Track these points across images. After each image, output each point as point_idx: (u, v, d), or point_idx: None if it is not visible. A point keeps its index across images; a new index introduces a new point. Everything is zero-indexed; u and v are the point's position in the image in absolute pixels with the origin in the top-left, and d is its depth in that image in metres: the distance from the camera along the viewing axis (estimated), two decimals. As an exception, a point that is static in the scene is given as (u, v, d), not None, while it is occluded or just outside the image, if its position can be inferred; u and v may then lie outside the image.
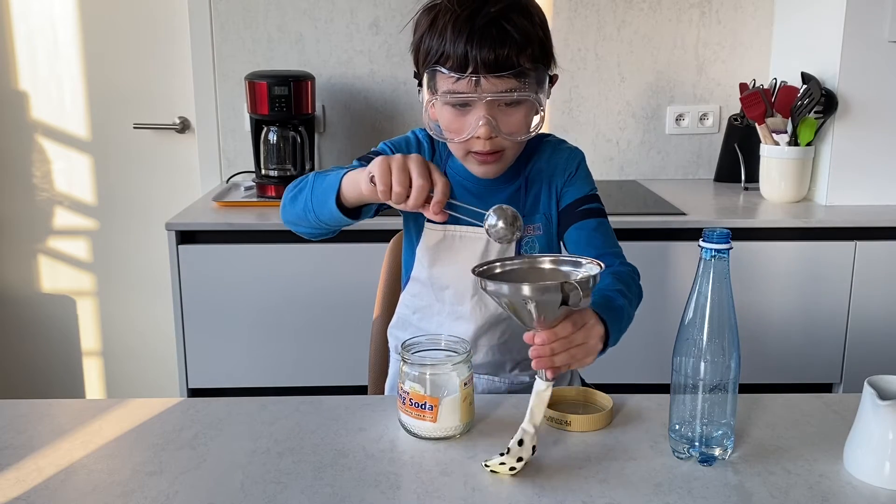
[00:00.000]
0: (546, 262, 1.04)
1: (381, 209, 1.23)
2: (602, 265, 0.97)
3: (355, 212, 1.15)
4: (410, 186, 1.01)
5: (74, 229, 2.77)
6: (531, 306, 0.93)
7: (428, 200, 1.02)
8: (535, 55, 1.14)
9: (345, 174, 1.12)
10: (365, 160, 1.24)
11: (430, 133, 1.20)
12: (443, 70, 1.13)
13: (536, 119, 1.18)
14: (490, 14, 1.11)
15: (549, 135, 1.34)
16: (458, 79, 1.12)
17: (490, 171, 1.22)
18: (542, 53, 1.16)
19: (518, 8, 1.14)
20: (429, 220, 1.25)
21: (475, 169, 1.22)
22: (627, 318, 1.15)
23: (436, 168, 1.03)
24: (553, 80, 1.20)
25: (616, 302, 1.14)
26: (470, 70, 1.11)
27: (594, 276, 0.94)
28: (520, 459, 0.95)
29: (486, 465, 0.96)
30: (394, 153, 1.26)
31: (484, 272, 1.00)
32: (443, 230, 1.25)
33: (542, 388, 0.99)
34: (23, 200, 2.74)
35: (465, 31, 1.11)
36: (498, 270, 1.01)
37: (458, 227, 1.24)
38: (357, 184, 1.08)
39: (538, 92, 1.15)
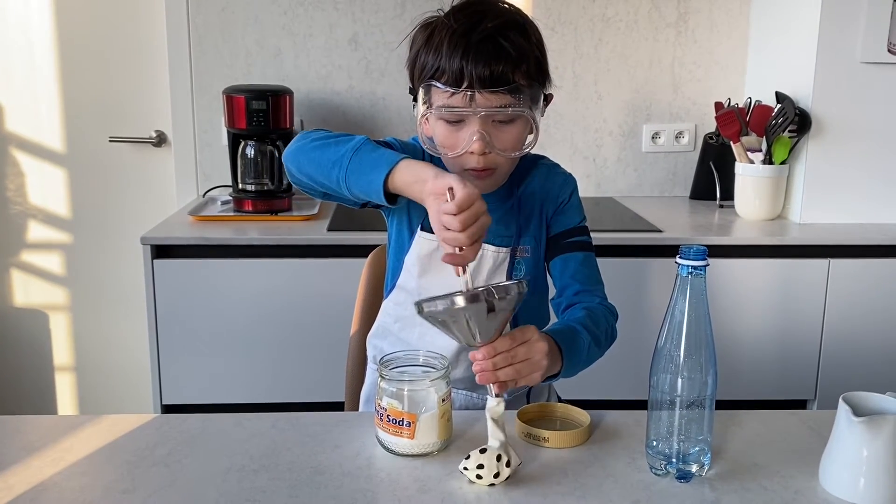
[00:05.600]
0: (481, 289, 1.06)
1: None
2: (525, 282, 1.01)
3: (392, 197, 1.09)
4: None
5: (48, 243, 2.73)
6: (462, 318, 0.97)
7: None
8: (531, 72, 1.15)
9: (404, 157, 1.07)
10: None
11: (425, 147, 1.20)
12: (438, 84, 1.13)
13: (530, 137, 1.19)
14: (487, 30, 1.12)
15: (542, 157, 1.35)
16: (453, 93, 1.12)
17: (483, 186, 1.20)
18: (538, 71, 1.17)
19: (515, 25, 1.15)
20: (422, 229, 1.25)
21: None
22: (588, 351, 1.17)
23: (481, 237, 1.02)
24: (548, 99, 1.21)
25: (578, 334, 1.16)
26: (465, 85, 1.12)
27: (517, 283, 0.99)
28: (496, 475, 0.96)
29: (464, 470, 0.97)
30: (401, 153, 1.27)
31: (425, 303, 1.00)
32: (437, 241, 1.24)
33: (493, 405, 1.00)
34: (-5, 213, 2.71)
35: (461, 46, 1.11)
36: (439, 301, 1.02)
37: None
38: (421, 175, 1.03)
39: (532, 109, 1.15)
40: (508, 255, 1.26)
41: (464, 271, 1.02)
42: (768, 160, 2.34)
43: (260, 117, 2.29)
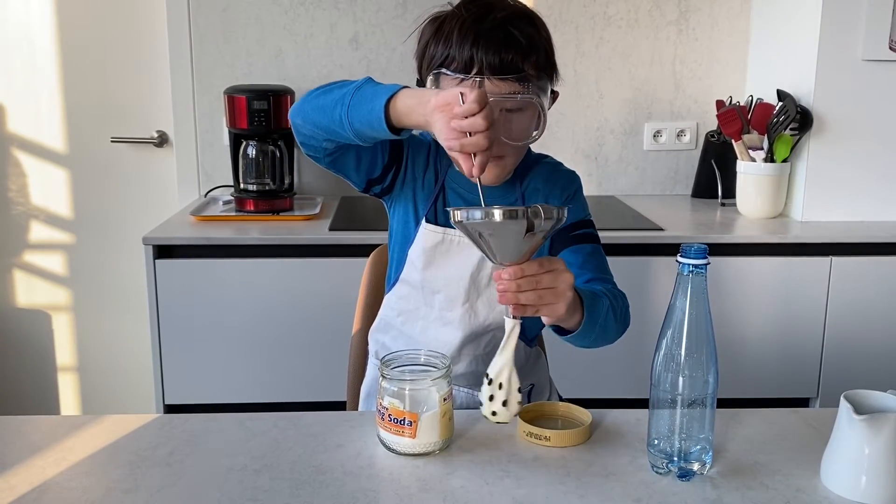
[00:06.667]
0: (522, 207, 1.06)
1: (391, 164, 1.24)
2: (565, 209, 0.99)
3: (394, 129, 1.06)
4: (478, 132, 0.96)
5: (50, 243, 2.74)
6: (498, 232, 0.95)
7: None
8: (540, 63, 1.15)
9: (406, 86, 1.06)
10: None
11: (431, 137, 1.20)
12: (447, 72, 1.13)
13: (535, 132, 1.18)
14: (497, 19, 1.13)
15: (546, 156, 1.35)
16: (462, 80, 1.12)
17: (489, 177, 1.20)
18: (547, 63, 1.17)
19: (525, 16, 1.16)
20: (427, 221, 1.25)
21: None
22: (606, 316, 1.15)
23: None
24: (554, 95, 1.21)
25: (598, 296, 1.15)
26: (474, 72, 1.12)
27: (560, 208, 0.97)
28: (505, 403, 1.00)
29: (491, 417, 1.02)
30: (409, 142, 1.27)
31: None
32: (442, 232, 1.24)
33: (509, 327, 1.00)
34: (-3, 214, 2.71)
35: (472, 34, 1.12)
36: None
37: (458, 231, 1.23)
38: (423, 97, 1.01)
39: (541, 97, 1.15)
40: None
41: (479, 178, 1.00)
42: (770, 158, 2.33)
43: (261, 117, 2.29)
